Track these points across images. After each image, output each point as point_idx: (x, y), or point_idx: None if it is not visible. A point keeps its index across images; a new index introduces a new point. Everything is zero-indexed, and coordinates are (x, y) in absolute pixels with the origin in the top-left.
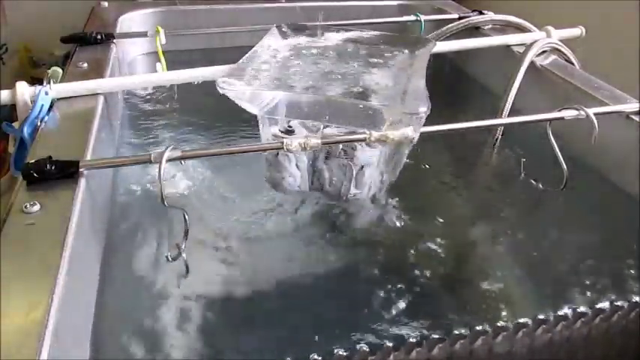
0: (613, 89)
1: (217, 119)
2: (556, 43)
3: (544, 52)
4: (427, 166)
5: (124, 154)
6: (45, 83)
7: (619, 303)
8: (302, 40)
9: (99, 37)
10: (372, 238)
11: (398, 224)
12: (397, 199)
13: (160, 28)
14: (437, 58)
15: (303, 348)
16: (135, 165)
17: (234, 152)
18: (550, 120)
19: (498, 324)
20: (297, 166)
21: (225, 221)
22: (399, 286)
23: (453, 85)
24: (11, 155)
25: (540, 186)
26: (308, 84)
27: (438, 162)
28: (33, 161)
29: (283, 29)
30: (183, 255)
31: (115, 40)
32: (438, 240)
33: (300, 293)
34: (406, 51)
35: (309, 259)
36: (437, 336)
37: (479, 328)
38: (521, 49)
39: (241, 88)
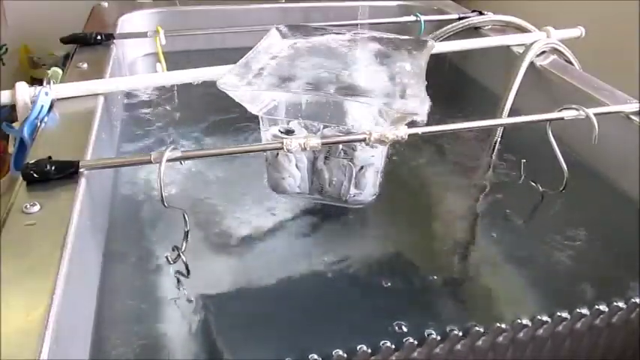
0: (613, 89)
1: (217, 120)
2: (556, 44)
3: (544, 52)
4: (427, 167)
5: (124, 155)
6: (45, 84)
7: (619, 304)
8: (301, 40)
9: (99, 37)
10: (370, 238)
11: (397, 225)
12: (396, 199)
13: (159, 28)
14: (437, 59)
15: (303, 348)
16: (135, 165)
17: (235, 152)
18: (550, 120)
19: (498, 324)
20: (297, 166)
21: (225, 221)
22: (400, 286)
23: (453, 85)
24: (11, 155)
25: (540, 187)
26: (308, 84)
27: (437, 162)
28: (33, 161)
29: (283, 30)
30: (183, 257)
31: (115, 41)
32: (438, 240)
33: (299, 293)
34: (406, 52)
35: (308, 259)
36: (437, 336)
37: (479, 328)
38: (521, 50)
39: (242, 89)
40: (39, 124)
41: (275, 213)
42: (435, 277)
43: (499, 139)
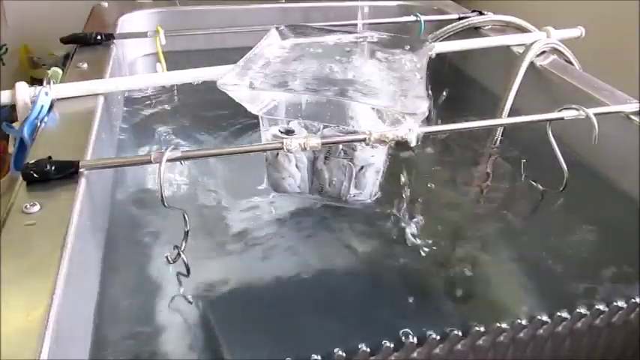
0: (613, 89)
1: (217, 120)
2: (556, 44)
3: (544, 52)
4: (426, 167)
5: (124, 155)
6: (45, 84)
7: (619, 303)
8: (301, 40)
9: (99, 37)
10: (369, 237)
11: (396, 225)
12: (395, 199)
13: (159, 28)
14: (437, 59)
15: (303, 348)
16: (135, 165)
17: (235, 152)
18: (550, 120)
19: (498, 324)
20: (297, 166)
21: (224, 220)
22: (399, 286)
23: (453, 85)
24: (11, 155)
25: (540, 187)
26: (308, 84)
27: (437, 162)
28: (33, 161)
29: (282, 30)
30: (183, 257)
31: (115, 41)
32: (437, 240)
33: (299, 293)
34: (406, 51)
35: (308, 259)
36: (437, 336)
37: (479, 328)
38: (520, 50)
39: (241, 89)
40: (39, 124)
41: (275, 213)
42: (435, 277)
43: (499, 139)
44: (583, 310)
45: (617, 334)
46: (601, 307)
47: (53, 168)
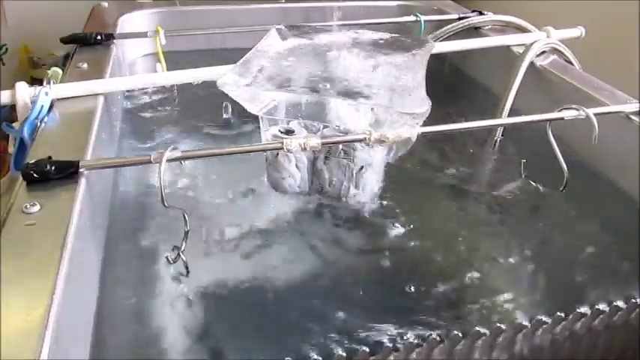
0: (613, 89)
1: (217, 120)
2: (556, 44)
3: (544, 52)
4: (427, 167)
5: (124, 155)
6: (45, 84)
7: (619, 303)
8: (301, 40)
9: (99, 37)
10: (369, 238)
11: (396, 226)
12: (395, 200)
13: (159, 28)
14: (437, 59)
15: (303, 348)
16: (135, 165)
17: (235, 152)
18: (550, 120)
19: (498, 325)
20: (297, 166)
21: (224, 220)
22: (399, 287)
23: (453, 85)
24: (11, 155)
25: (540, 187)
26: (307, 84)
27: (437, 162)
28: (33, 161)
29: (283, 30)
30: (183, 257)
31: (115, 41)
32: (438, 241)
33: (300, 293)
34: (406, 51)
35: (308, 259)
36: (437, 336)
37: (479, 329)
38: (520, 50)
39: (241, 89)
40: (39, 124)
41: (274, 213)
42: (435, 278)
43: (499, 139)
44: (583, 310)
45: (617, 334)
46: (601, 307)
47: (53, 168)
